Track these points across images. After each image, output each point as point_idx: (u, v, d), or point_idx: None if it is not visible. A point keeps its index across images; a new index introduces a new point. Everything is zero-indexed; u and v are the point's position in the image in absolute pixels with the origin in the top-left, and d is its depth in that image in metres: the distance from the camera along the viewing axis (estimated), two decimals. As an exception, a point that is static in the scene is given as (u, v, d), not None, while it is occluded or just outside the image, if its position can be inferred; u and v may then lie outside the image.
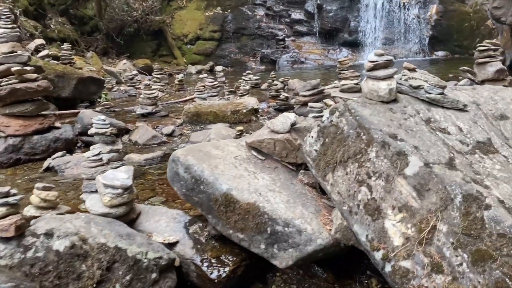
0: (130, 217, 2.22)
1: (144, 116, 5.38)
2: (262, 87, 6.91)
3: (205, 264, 2.07)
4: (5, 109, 4.02)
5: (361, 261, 2.21)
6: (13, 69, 3.89)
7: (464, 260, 1.49)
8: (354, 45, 13.44)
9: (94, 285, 1.64)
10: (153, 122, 5.08)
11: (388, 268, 1.66)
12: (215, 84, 5.84)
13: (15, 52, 4.06)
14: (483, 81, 3.80)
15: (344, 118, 2.03)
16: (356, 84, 4.68)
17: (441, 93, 2.14)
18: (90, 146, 3.31)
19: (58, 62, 6.68)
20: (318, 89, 4.36)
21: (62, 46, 7.50)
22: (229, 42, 14.45)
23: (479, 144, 1.96)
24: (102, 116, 3.34)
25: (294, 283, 2.18)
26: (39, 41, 8.77)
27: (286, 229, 1.98)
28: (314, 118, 2.86)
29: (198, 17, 14.69)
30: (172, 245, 2.12)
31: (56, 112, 5.58)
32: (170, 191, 2.84)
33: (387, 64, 2.09)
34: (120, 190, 2.13)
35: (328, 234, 1.98)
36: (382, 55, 2.11)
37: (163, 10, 14.97)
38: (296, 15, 14.29)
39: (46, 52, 6.92)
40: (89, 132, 3.41)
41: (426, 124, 2.02)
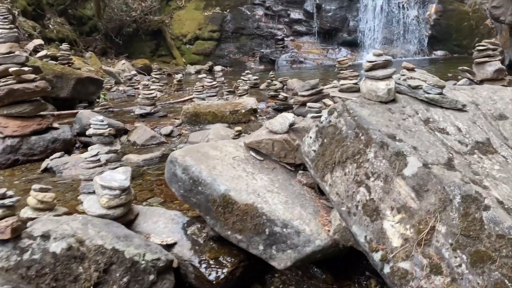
0: (128, 218, 2.21)
1: (143, 117, 5.37)
2: (261, 87, 6.90)
3: (203, 265, 2.06)
4: (3, 109, 4.00)
5: (360, 262, 2.20)
6: (11, 69, 3.87)
7: (463, 261, 1.48)
8: (353, 44, 13.43)
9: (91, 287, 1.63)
10: (151, 122, 5.07)
11: (387, 269, 1.65)
12: (213, 84, 5.83)
13: (13, 52, 4.04)
14: (482, 81, 3.79)
15: (342, 119, 2.02)
16: (355, 84, 4.68)
17: (440, 93, 2.13)
18: (88, 146, 3.29)
19: (57, 63, 6.66)
20: (317, 89, 4.35)
21: (60, 46, 7.47)
22: (228, 42, 14.43)
23: (478, 144, 1.95)
24: (100, 117, 3.33)
25: (292, 284, 2.18)
26: (38, 41, 8.75)
27: (284, 230, 1.97)
28: (313, 118, 2.86)
29: (197, 17, 14.68)
30: (170, 246, 2.11)
31: (54, 113, 5.57)
32: (168, 192, 2.82)
33: (386, 64, 2.09)
34: (117, 191, 2.12)
35: (327, 235, 1.98)
36: (380, 55, 2.10)
37: (162, 10, 14.95)
38: (295, 14, 14.28)
39: (45, 52, 6.91)
40: (87, 132, 3.40)
41: (425, 124, 2.01)
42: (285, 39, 14.14)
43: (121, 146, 4.41)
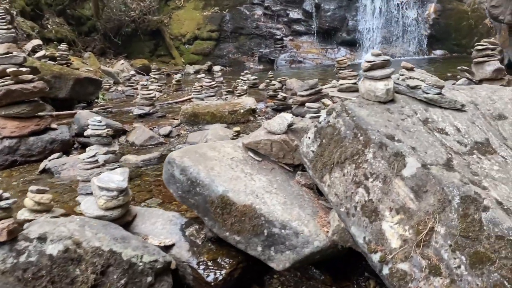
0: (125, 220, 2.20)
1: (142, 117, 5.36)
2: (260, 87, 6.89)
3: (202, 267, 2.05)
4: (0, 110, 3.99)
5: (359, 263, 2.19)
6: (9, 70, 3.86)
7: (462, 263, 1.47)
8: (352, 44, 13.42)
9: (88, 290, 1.62)
10: (150, 122, 5.05)
11: (385, 270, 1.65)
12: (212, 84, 5.81)
13: (11, 53, 4.03)
14: (481, 81, 3.79)
15: (341, 119, 2.02)
16: (354, 83, 4.68)
17: (439, 93, 2.12)
18: (87, 147, 3.28)
19: (55, 63, 6.64)
20: (315, 89, 4.34)
21: (59, 46, 7.45)
22: (227, 41, 14.41)
23: (477, 144, 1.94)
24: (98, 117, 3.31)
25: (291, 285, 2.17)
26: (36, 41, 8.72)
27: (283, 231, 1.96)
28: (312, 118, 2.85)
29: (196, 17, 14.66)
30: (168, 247, 2.10)
31: (53, 113, 5.56)
32: (166, 192, 2.81)
33: (384, 64, 2.08)
34: (115, 193, 2.11)
35: (325, 236, 1.97)
36: (379, 55, 2.09)
37: (160, 10, 14.93)
38: (294, 14, 14.26)
39: (43, 52, 6.88)
40: (85, 133, 3.39)
41: (423, 124, 2.00)
42: (284, 38, 14.13)
43: (120, 146, 4.40)
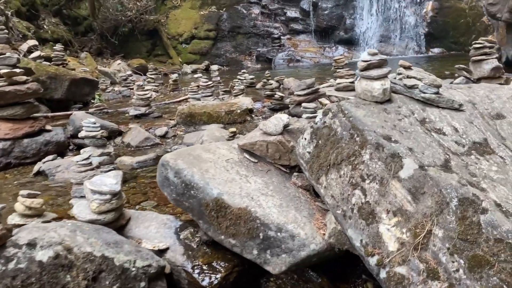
0: (119, 223, 2.17)
1: (138, 117, 5.32)
2: (258, 86, 6.86)
3: (196, 271, 2.02)
4: (-6, 112, 3.95)
5: (356, 265, 2.16)
6: (2, 71, 3.82)
7: (460, 266, 1.44)
8: (350, 43, 13.40)
9: (80, 296, 1.58)
10: (146, 123, 5.01)
11: (383, 274, 1.61)
12: (209, 84, 5.77)
13: (4, 54, 3.99)
14: (479, 79, 3.76)
15: (337, 119, 1.98)
16: (352, 82, 4.64)
17: (436, 93, 2.09)
18: (82, 149, 3.25)
19: (51, 63, 6.59)
20: (313, 88, 4.30)
21: (54, 47, 7.40)
22: (225, 41, 14.38)
23: (475, 144, 1.91)
24: (93, 119, 3.28)
25: (288, 288, 2.14)
26: (32, 42, 8.68)
27: (278, 234, 1.93)
28: (308, 119, 2.82)
29: (193, 16, 14.61)
30: (162, 251, 2.07)
31: (48, 114, 5.52)
32: (162, 195, 2.76)
33: (381, 64, 2.04)
34: (108, 196, 2.07)
35: (322, 238, 1.94)
36: (375, 54, 2.05)
37: (157, 9, 14.87)
38: (292, 13, 14.23)
39: (38, 53, 6.83)
40: (79, 135, 3.36)
41: (421, 124, 1.97)
42: (282, 37, 14.09)
43: (115, 147, 4.36)
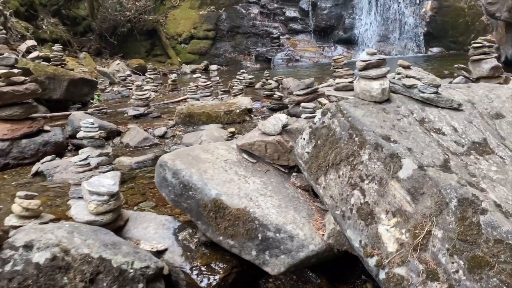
0: (117, 224, 2.15)
1: (136, 118, 5.31)
2: (257, 86, 6.84)
3: (195, 272, 2.00)
4: (-8, 113, 3.93)
5: (356, 266, 2.15)
6: (0, 72, 3.80)
7: (460, 267, 1.43)
8: (349, 42, 13.40)
9: (78, 298, 1.57)
10: (145, 123, 5.00)
11: (382, 275, 1.61)
12: (208, 84, 5.76)
13: (2, 54, 3.97)
14: (478, 78, 3.76)
15: (336, 119, 1.97)
16: (351, 82, 4.64)
17: (435, 92, 2.08)
18: (81, 149, 3.23)
19: (49, 64, 6.57)
20: (311, 88, 4.29)
21: (53, 47, 7.39)
22: (224, 41, 14.37)
23: (475, 144, 1.90)
24: (91, 119, 3.27)
25: (287, 289, 2.13)
26: (31, 42, 8.65)
27: (277, 235, 1.92)
28: (307, 118, 2.81)
29: (192, 16, 14.59)
30: (160, 253, 2.05)
31: (47, 115, 5.50)
32: (160, 195, 2.74)
33: (380, 63, 2.03)
34: (106, 197, 2.06)
35: (321, 239, 1.93)
36: (374, 54, 2.04)
37: (156, 9, 14.85)
38: (291, 13, 14.22)
39: (37, 53, 6.81)
40: (77, 135, 3.34)
41: (420, 124, 1.96)
42: (281, 37, 14.09)
43: (114, 148, 4.35)
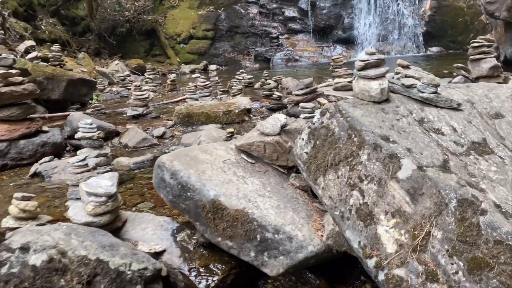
0: (115, 226, 2.14)
1: (135, 118, 5.29)
2: (256, 86, 6.83)
3: (193, 273, 1.99)
4: (-10, 113, 3.92)
5: (355, 266, 2.14)
6: (-2, 72, 3.80)
7: (460, 268, 1.42)
8: (348, 42, 13.38)
9: (75, 300, 1.56)
10: (143, 124, 4.99)
11: (381, 276, 1.60)
12: (207, 84, 5.75)
13: (0, 54, 3.96)
14: (477, 78, 3.74)
15: (335, 120, 1.96)
16: (350, 82, 4.63)
17: (435, 92, 2.07)
18: (79, 150, 3.22)
19: (48, 64, 6.56)
20: (311, 88, 4.29)
21: (52, 47, 7.37)
22: (223, 40, 14.35)
23: (474, 144, 1.89)
24: (89, 120, 3.25)
25: (286, 290, 2.12)
26: (29, 42, 8.64)
27: (276, 236, 1.91)
28: (306, 119, 2.80)
29: (191, 16, 14.57)
30: (158, 254, 2.04)
31: (45, 115, 5.49)
32: (159, 196, 2.73)
33: (379, 63, 2.03)
34: (103, 198, 2.05)
35: (320, 240, 1.92)
36: (373, 53, 2.04)
37: (155, 9, 14.83)
38: (290, 12, 14.21)
39: (35, 54, 6.80)
40: (75, 136, 3.33)
41: (419, 124, 1.95)
42: (280, 37, 14.07)
43: (113, 148, 4.34)
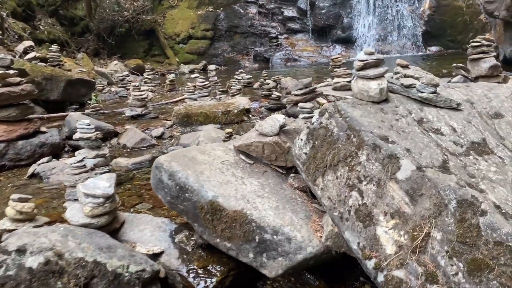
0: (113, 227, 2.13)
1: (134, 118, 5.28)
2: (255, 86, 6.82)
3: (192, 275, 1.98)
4: (-12, 114, 3.90)
5: (354, 267, 2.13)
6: (-5, 73, 3.78)
7: (459, 270, 1.41)
8: (348, 41, 13.38)
9: (72, 303, 1.55)
10: (142, 124, 4.97)
11: (380, 278, 1.58)
12: (206, 84, 5.74)
13: (-3, 55, 3.95)
14: (477, 78, 3.73)
15: (333, 120, 1.95)
16: (349, 82, 4.62)
17: (434, 92, 2.06)
18: (77, 151, 3.21)
19: (46, 64, 6.54)
20: (310, 88, 4.28)
21: (50, 48, 7.35)
22: (222, 40, 14.34)
23: (474, 144, 1.88)
24: (87, 120, 3.24)
25: (285, 291, 2.11)
26: (28, 43, 8.62)
27: (275, 237, 1.90)
28: (304, 119, 2.79)
29: (190, 16, 14.56)
30: (156, 255, 2.03)
31: (44, 116, 5.48)
32: (157, 197, 2.73)
33: (377, 63, 2.01)
34: (101, 199, 2.04)
35: (319, 241, 1.90)
36: (372, 53, 2.02)
37: (154, 9, 14.82)
38: (289, 12, 14.20)
39: (34, 54, 6.78)
40: (73, 137, 3.31)
41: (418, 124, 1.94)
42: (279, 37, 14.07)
43: (111, 149, 4.33)
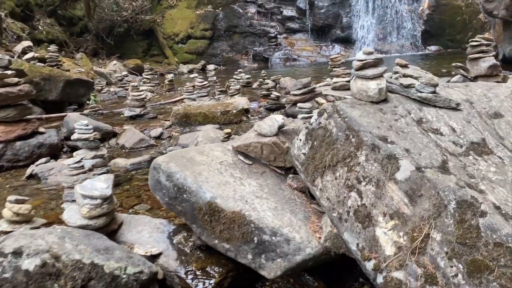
0: (111, 228, 2.12)
1: (133, 118, 5.27)
2: (254, 86, 6.81)
3: (190, 276, 1.97)
4: (-15, 115, 3.89)
5: (353, 268, 2.12)
6: (-7, 73, 3.77)
7: (459, 271, 1.40)
8: (347, 41, 13.36)
9: (69, 305, 1.54)
10: (141, 124, 4.96)
11: (380, 279, 1.57)
12: (204, 84, 5.73)
13: (-5, 55, 3.93)
14: (476, 77, 3.72)
15: (332, 120, 1.94)
16: (348, 81, 4.61)
17: (433, 92, 2.05)
18: (75, 151, 3.19)
19: (45, 65, 6.52)
20: (309, 88, 4.26)
21: (49, 48, 7.33)
22: (221, 40, 14.32)
23: (473, 145, 1.87)
24: (85, 121, 3.23)
25: (284, 293, 2.10)
26: (26, 43, 8.60)
27: (273, 238, 1.89)
28: (303, 119, 2.78)
29: (189, 16, 14.54)
30: (155, 257, 2.02)
31: (42, 116, 5.46)
32: (155, 198, 2.73)
33: (376, 63, 2.00)
34: (99, 201, 2.03)
35: (318, 242, 1.89)
36: (371, 53, 2.01)
37: (153, 9, 14.79)
38: (288, 12, 14.18)
39: (32, 54, 6.76)
40: (71, 137, 3.30)
41: (417, 124, 1.93)
42: (278, 36, 14.05)
43: (110, 149, 4.31)
